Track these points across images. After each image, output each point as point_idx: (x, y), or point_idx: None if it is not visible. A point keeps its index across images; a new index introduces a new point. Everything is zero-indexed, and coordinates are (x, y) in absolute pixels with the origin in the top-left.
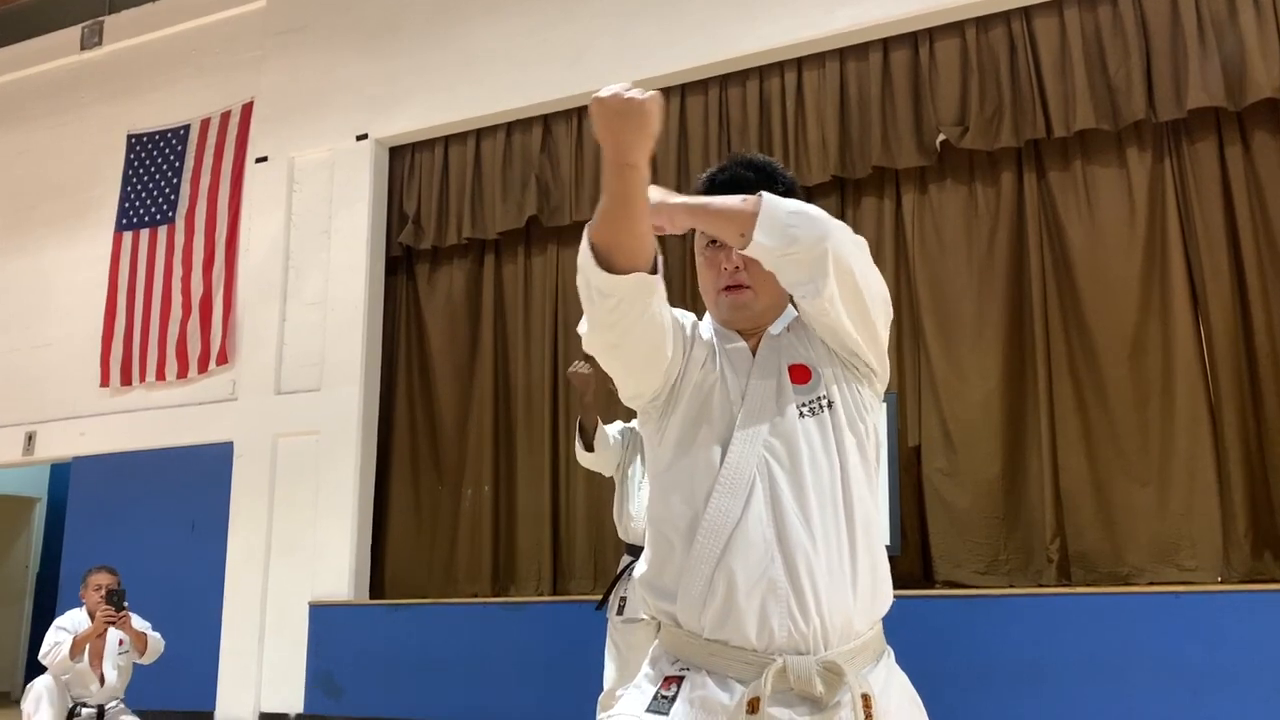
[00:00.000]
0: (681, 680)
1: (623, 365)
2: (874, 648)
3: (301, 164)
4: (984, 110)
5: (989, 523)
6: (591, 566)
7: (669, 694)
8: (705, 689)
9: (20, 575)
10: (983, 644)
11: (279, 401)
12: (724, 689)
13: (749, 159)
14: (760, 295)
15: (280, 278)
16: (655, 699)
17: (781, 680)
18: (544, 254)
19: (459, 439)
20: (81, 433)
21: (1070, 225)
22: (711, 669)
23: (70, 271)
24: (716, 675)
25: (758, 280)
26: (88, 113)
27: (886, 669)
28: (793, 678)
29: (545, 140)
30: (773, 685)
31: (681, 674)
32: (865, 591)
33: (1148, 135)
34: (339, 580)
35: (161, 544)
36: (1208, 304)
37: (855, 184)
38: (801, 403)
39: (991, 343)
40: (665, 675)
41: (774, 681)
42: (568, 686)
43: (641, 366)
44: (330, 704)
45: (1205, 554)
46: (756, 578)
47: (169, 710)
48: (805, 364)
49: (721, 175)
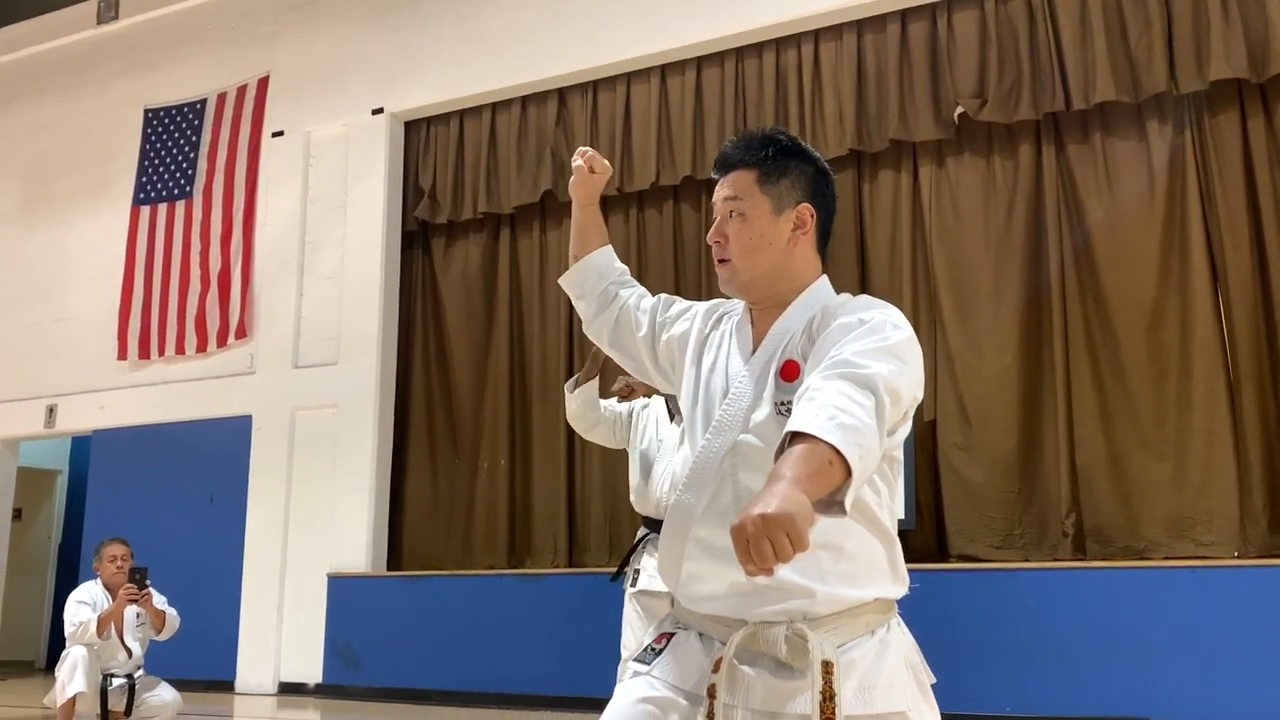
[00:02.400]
0: (672, 636)
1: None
2: (865, 621)
3: (317, 138)
4: (1002, 83)
5: (1004, 497)
6: (607, 539)
7: (658, 647)
8: (688, 644)
9: (43, 546)
10: (997, 617)
11: (297, 375)
12: (705, 648)
13: (750, 134)
14: (741, 269)
15: (297, 252)
16: (645, 650)
17: (752, 642)
18: (559, 228)
19: (475, 413)
20: (101, 406)
21: (1089, 199)
22: (701, 629)
23: (90, 246)
24: (705, 636)
25: (738, 253)
26: (105, 87)
27: (880, 643)
28: (762, 641)
29: (560, 114)
30: (744, 647)
31: (674, 631)
32: (843, 573)
33: (1168, 108)
34: (357, 552)
35: (181, 516)
36: (1227, 278)
37: (872, 157)
38: (782, 401)
39: (1008, 317)
40: (660, 631)
41: (745, 642)
42: (583, 657)
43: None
44: (349, 674)
45: (1222, 529)
46: (719, 562)
47: (190, 679)
48: (799, 363)
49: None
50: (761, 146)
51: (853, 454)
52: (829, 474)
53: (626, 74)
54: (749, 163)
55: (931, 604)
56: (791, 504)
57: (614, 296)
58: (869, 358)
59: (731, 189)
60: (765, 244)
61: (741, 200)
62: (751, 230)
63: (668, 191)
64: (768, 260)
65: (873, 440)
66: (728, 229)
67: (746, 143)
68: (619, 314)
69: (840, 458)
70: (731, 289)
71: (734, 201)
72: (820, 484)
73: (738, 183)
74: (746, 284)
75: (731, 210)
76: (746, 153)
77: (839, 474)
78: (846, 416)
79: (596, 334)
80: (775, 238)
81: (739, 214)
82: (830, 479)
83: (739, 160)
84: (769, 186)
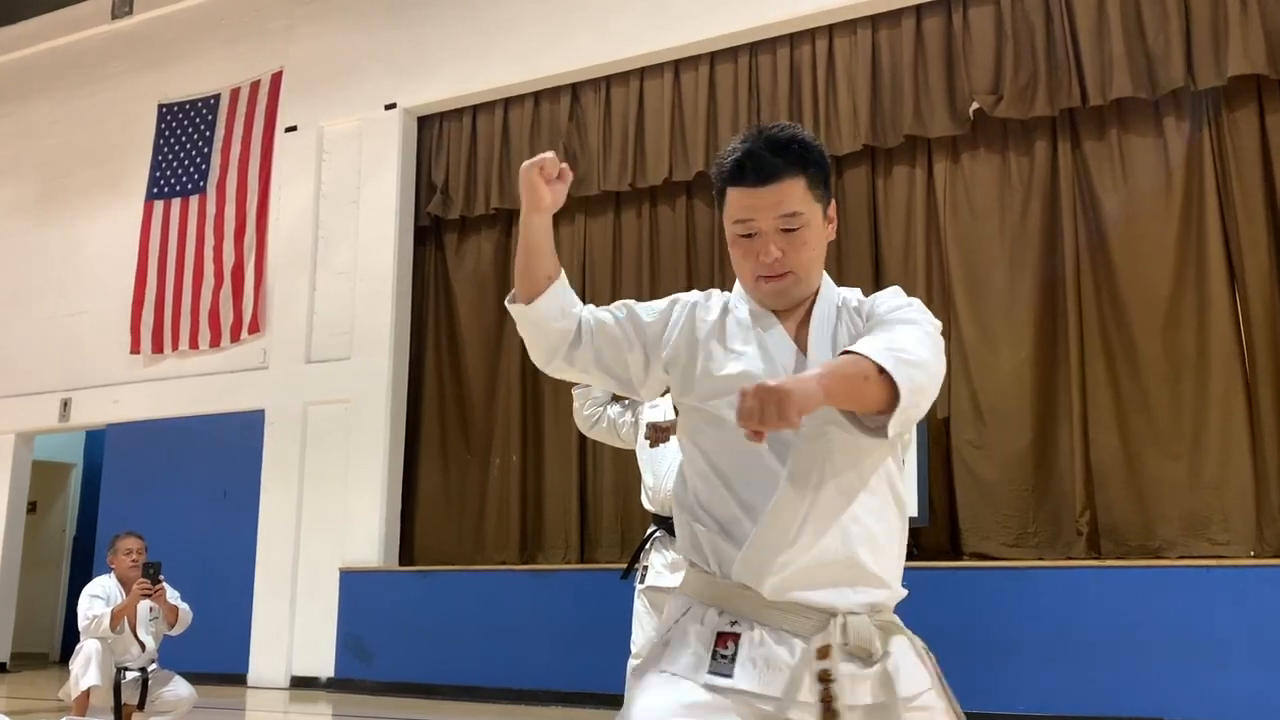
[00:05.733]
0: (738, 638)
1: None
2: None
3: (330, 133)
4: (1018, 78)
5: (1018, 495)
6: (618, 535)
7: (727, 653)
8: (765, 646)
9: (57, 540)
10: (1010, 616)
11: (309, 370)
12: (782, 645)
13: (776, 137)
14: (802, 280)
15: (310, 247)
16: (715, 659)
17: (840, 635)
18: (571, 224)
19: (487, 409)
20: (115, 400)
21: (1105, 195)
22: (767, 623)
23: (104, 240)
24: (772, 630)
25: (800, 265)
26: (119, 82)
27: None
28: (851, 635)
29: (573, 109)
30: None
31: (736, 631)
32: (897, 561)
33: (1186, 104)
34: (369, 547)
35: (194, 510)
36: (1244, 276)
37: (887, 153)
38: None
39: (1023, 314)
40: (719, 632)
41: (840, 635)
42: (594, 653)
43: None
44: (360, 668)
45: (1238, 528)
46: (819, 554)
47: (202, 673)
48: None
49: (749, 160)
50: (802, 150)
51: (901, 375)
52: (863, 387)
53: (640, 69)
54: (795, 170)
55: (945, 601)
56: (793, 383)
57: (581, 325)
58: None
59: (787, 203)
60: (822, 249)
61: (801, 214)
62: (814, 239)
63: (681, 187)
64: (818, 267)
65: (925, 377)
66: (783, 243)
67: (785, 147)
68: (597, 341)
69: (883, 375)
70: (784, 302)
71: (793, 216)
72: (850, 390)
73: (791, 194)
74: (803, 293)
75: (788, 226)
76: (793, 160)
77: (877, 392)
78: (902, 352)
79: (566, 368)
80: (822, 242)
81: (803, 226)
82: (864, 393)
83: (785, 168)
84: (817, 191)
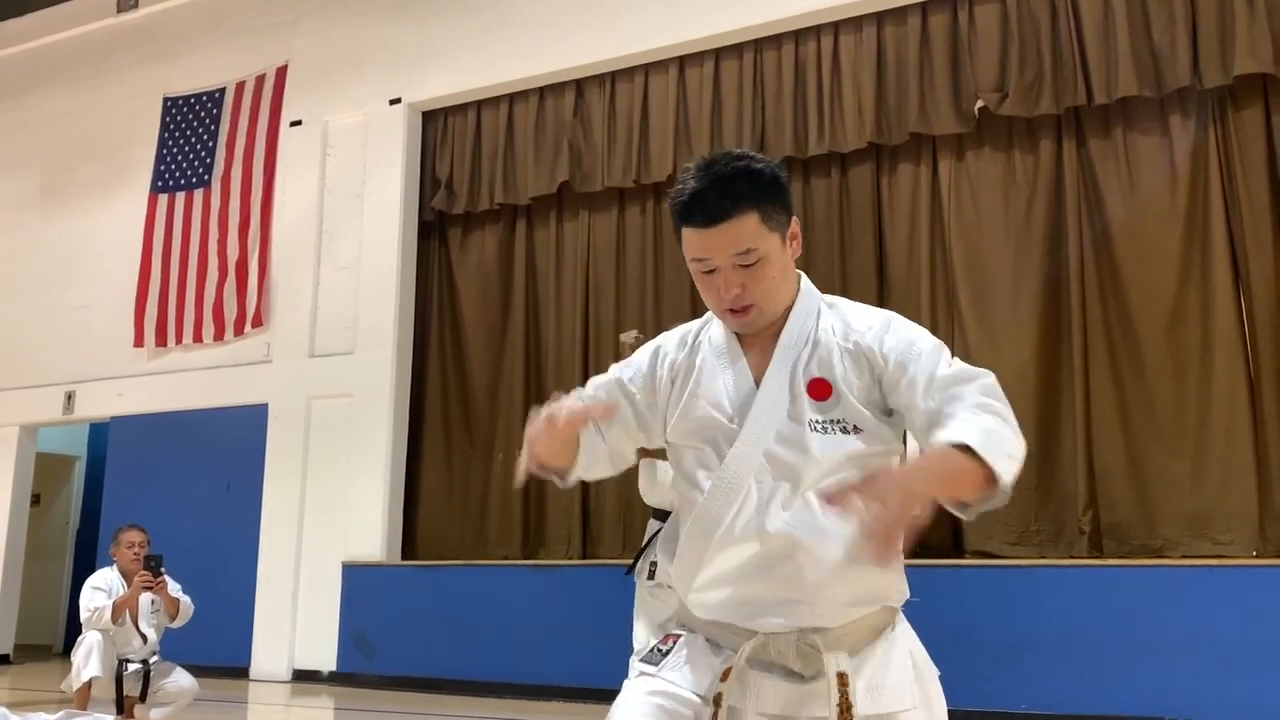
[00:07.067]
0: (678, 639)
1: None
2: (873, 624)
3: (335, 128)
4: (1024, 76)
5: (1020, 494)
6: (620, 531)
7: (664, 649)
8: (696, 647)
9: (61, 532)
10: (1012, 614)
11: (313, 364)
12: (715, 653)
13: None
14: (766, 309)
15: (314, 241)
16: (651, 650)
17: (763, 651)
18: (576, 219)
19: (490, 404)
20: (119, 393)
21: (1110, 194)
22: (708, 635)
23: (109, 233)
24: (712, 642)
25: (762, 296)
26: (124, 75)
27: (887, 643)
28: (773, 651)
29: (578, 105)
30: (754, 656)
31: (679, 633)
32: (860, 581)
33: (1191, 103)
34: (372, 541)
35: (198, 503)
36: (1249, 275)
37: (891, 151)
38: (815, 419)
39: (1027, 312)
40: (667, 633)
41: (755, 651)
42: (596, 649)
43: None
44: (363, 662)
45: (1241, 528)
46: (741, 571)
47: (205, 666)
48: (829, 381)
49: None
50: (751, 182)
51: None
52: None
53: (645, 65)
54: (746, 206)
55: (947, 600)
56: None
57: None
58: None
59: (740, 240)
60: (782, 275)
61: (756, 249)
62: (772, 270)
63: None
64: (784, 288)
65: (1018, 465)
66: (742, 278)
67: (732, 184)
68: (611, 448)
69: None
70: (751, 329)
71: (749, 253)
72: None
73: (742, 232)
74: (770, 318)
75: (744, 262)
76: (741, 196)
77: (977, 473)
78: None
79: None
80: (786, 264)
81: (759, 261)
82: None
83: (735, 207)
84: (771, 220)
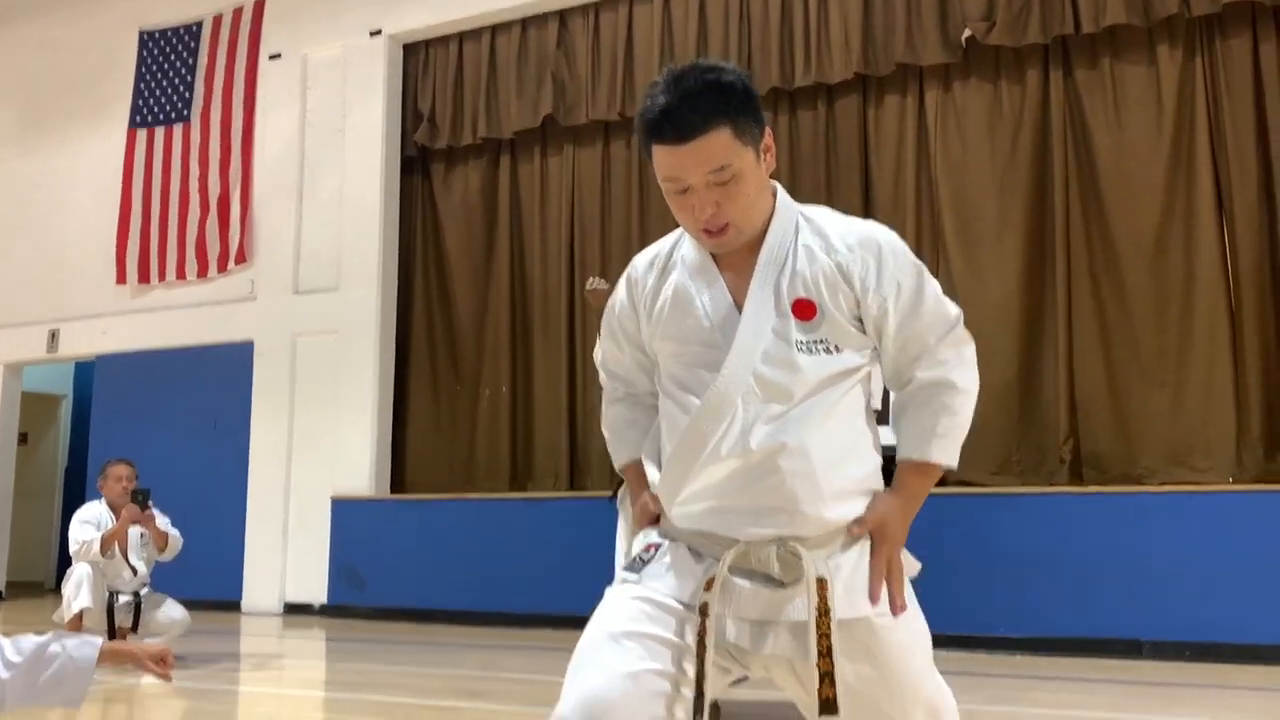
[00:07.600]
0: (660, 547)
1: None
2: (851, 532)
3: (315, 61)
4: (1011, 5)
5: (1002, 424)
6: (608, 463)
7: (646, 557)
8: (678, 555)
9: (49, 470)
10: (992, 542)
11: (297, 301)
12: (697, 561)
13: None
14: (744, 228)
15: (296, 177)
16: (633, 559)
17: (744, 559)
18: (560, 153)
19: (476, 339)
20: (104, 331)
21: (1096, 125)
22: (689, 544)
23: (89, 168)
24: (694, 550)
25: (738, 215)
26: (101, 6)
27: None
28: (754, 559)
29: (561, 37)
30: (736, 564)
31: (660, 541)
32: (838, 491)
33: (1179, 31)
34: (360, 476)
35: (185, 440)
36: (1233, 208)
37: (878, 81)
38: (800, 340)
39: (1011, 244)
40: (648, 542)
41: (736, 560)
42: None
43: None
44: (353, 594)
45: (1219, 456)
46: (724, 486)
47: (197, 600)
48: (813, 301)
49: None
50: (723, 96)
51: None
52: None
53: None
54: (718, 120)
55: (927, 528)
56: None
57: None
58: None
59: (714, 157)
60: (758, 191)
61: (730, 166)
62: (747, 186)
63: None
64: (760, 204)
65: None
66: (717, 196)
67: (702, 97)
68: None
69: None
70: (728, 249)
71: (723, 170)
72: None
73: (716, 147)
74: (748, 235)
75: (719, 180)
76: (713, 110)
77: (938, 472)
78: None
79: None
80: (761, 179)
81: (734, 178)
82: (932, 480)
83: (706, 121)
84: (745, 134)
